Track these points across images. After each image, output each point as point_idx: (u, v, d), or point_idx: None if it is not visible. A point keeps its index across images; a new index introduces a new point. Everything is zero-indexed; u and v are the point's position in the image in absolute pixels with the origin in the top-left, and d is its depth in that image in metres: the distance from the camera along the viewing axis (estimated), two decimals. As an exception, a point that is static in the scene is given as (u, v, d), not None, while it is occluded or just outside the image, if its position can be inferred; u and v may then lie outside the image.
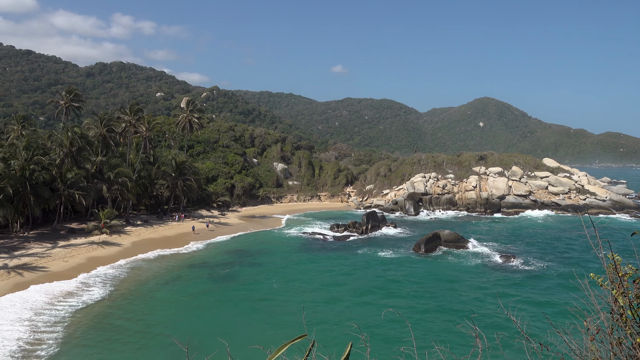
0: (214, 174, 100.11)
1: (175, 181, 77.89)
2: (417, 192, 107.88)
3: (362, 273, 49.78)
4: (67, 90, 79.43)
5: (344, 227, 76.58)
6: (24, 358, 26.55)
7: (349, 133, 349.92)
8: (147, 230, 66.02)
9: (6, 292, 36.96)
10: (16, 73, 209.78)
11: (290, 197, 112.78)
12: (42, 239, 55.86)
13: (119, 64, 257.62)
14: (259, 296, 40.74)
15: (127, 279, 43.87)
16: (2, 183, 50.62)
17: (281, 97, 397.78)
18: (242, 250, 59.24)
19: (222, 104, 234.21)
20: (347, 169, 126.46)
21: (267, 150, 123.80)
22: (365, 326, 31.47)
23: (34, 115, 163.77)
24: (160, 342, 29.62)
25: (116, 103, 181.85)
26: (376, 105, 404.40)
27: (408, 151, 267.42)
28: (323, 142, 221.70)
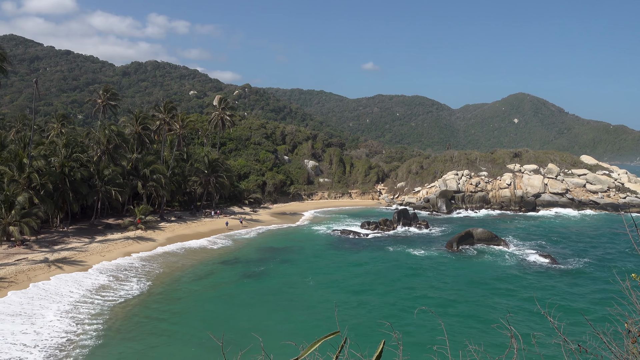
0: (245, 171, 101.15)
1: (208, 178, 79.05)
2: (449, 190, 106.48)
3: (393, 271, 49.49)
4: (104, 89, 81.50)
5: (375, 224, 76.26)
6: (72, 349, 27.43)
7: (380, 130, 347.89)
8: (180, 227, 67.25)
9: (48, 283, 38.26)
10: (56, 73, 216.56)
11: (321, 194, 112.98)
12: (81, 234, 57.57)
13: (153, 63, 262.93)
14: (291, 293, 40.99)
15: (161, 274, 44.81)
16: (43, 179, 52.36)
17: (312, 94, 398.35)
18: (274, 247, 59.70)
19: (254, 102, 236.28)
20: (378, 166, 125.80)
21: (298, 148, 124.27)
22: (398, 324, 31.28)
23: (72, 113, 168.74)
24: (195, 337, 30.18)
25: (151, 101, 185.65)
26: (408, 101, 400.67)
27: (440, 148, 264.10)
28: (354, 139, 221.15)
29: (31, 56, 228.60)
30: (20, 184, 51.69)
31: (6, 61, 53.46)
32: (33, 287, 36.88)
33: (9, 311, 31.71)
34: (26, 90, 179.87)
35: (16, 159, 54.21)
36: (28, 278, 38.79)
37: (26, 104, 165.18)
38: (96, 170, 62.34)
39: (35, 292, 35.98)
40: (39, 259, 44.54)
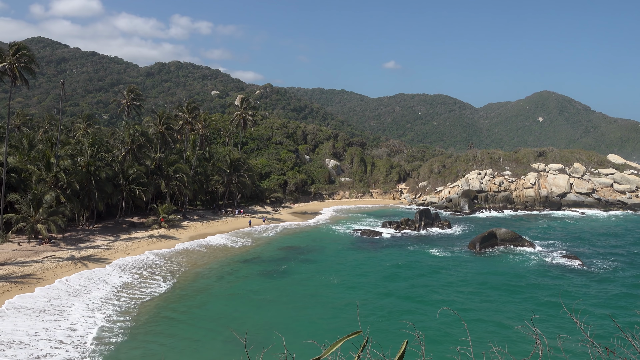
0: (267, 170, 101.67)
1: (230, 177, 79.69)
2: (472, 190, 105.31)
3: (415, 271, 49.17)
4: (128, 90, 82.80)
5: (397, 224, 75.89)
6: (100, 345, 27.98)
7: (402, 129, 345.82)
8: (202, 225, 67.94)
9: (75, 280, 39.06)
10: (82, 74, 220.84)
11: (342, 193, 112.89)
12: (106, 232, 58.61)
13: (176, 64, 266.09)
14: (313, 292, 41.05)
15: (185, 272, 45.34)
16: (70, 178, 53.45)
17: (333, 93, 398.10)
18: (295, 246, 59.87)
19: (275, 101, 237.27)
20: (399, 166, 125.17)
21: (319, 147, 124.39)
22: (420, 324, 31.06)
23: (98, 113, 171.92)
24: (218, 335, 30.46)
25: (174, 101, 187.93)
26: (429, 100, 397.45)
27: (463, 147, 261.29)
28: (375, 138, 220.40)
29: (58, 58, 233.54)
30: (48, 183, 52.86)
31: (34, 63, 54.67)
32: (60, 284, 37.67)
33: (38, 307, 32.46)
34: (53, 91, 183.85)
35: (44, 159, 55.47)
36: (55, 275, 39.64)
37: (53, 105, 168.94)
38: (121, 169, 63.37)
39: (63, 289, 36.75)
40: (66, 256, 45.49)
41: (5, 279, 37.05)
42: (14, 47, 51.77)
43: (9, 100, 62.95)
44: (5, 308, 31.56)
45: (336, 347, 4.37)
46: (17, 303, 32.71)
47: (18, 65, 51.00)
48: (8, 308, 31.68)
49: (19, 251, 46.20)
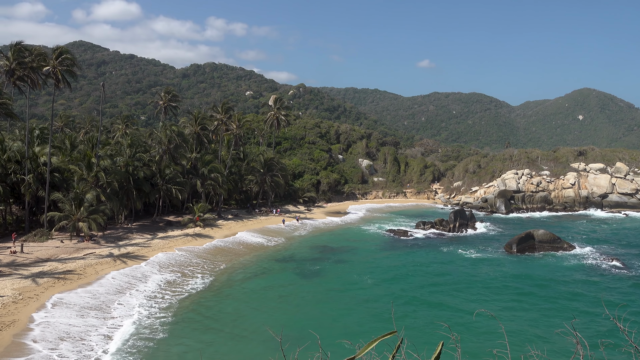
0: (300, 170, 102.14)
1: (264, 177, 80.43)
2: (508, 190, 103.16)
3: (450, 272, 48.52)
4: (165, 91, 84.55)
5: (431, 224, 75.03)
6: (140, 341, 28.74)
7: (436, 128, 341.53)
8: (237, 224, 68.78)
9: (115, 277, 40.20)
10: (121, 76, 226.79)
11: (375, 193, 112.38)
12: (143, 230, 60.05)
13: (211, 65, 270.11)
14: (346, 292, 41.04)
15: (220, 270, 46.05)
16: (109, 178, 55.00)
17: (366, 93, 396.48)
18: (328, 245, 59.94)
19: (308, 101, 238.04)
20: (433, 165, 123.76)
21: (352, 147, 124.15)
22: (456, 326, 30.63)
23: (136, 114, 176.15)
24: (253, 332, 30.86)
25: (209, 102, 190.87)
26: (464, 99, 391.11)
27: (499, 147, 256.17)
28: (409, 137, 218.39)
29: (98, 61, 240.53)
30: (89, 182, 54.53)
31: (76, 66, 56.52)
32: (100, 281, 38.81)
33: (81, 303, 33.53)
34: (94, 93, 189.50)
35: (85, 159, 57.25)
36: (95, 272, 40.86)
37: (94, 106, 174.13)
38: (158, 169, 64.78)
39: (103, 285, 37.84)
40: (105, 253, 46.83)
41: (48, 275, 38.42)
42: (57, 51, 53.63)
43: (52, 102, 65.22)
44: (50, 303, 32.71)
45: (371, 347, 4.37)
46: (61, 298, 33.85)
47: (61, 69, 52.79)
48: (53, 303, 32.82)
49: (62, 248, 47.83)
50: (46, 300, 33.04)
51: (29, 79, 50.78)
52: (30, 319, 29.75)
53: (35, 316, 30.24)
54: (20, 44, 51.05)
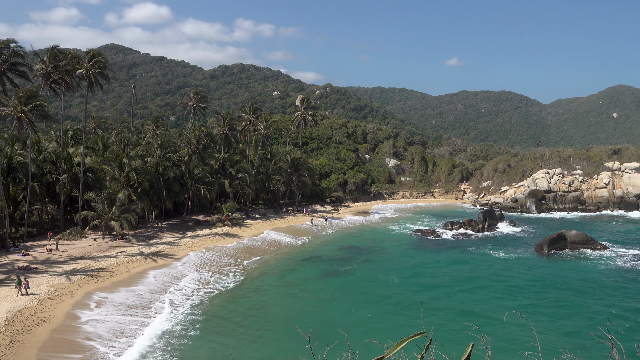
0: (327, 169, 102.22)
1: (291, 177, 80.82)
2: (539, 189, 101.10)
3: (480, 272, 47.86)
4: (194, 93, 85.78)
5: (459, 224, 74.12)
6: (172, 338, 29.30)
7: (464, 127, 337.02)
8: (264, 224, 69.27)
9: (147, 275, 41.00)
10: (151, 78, 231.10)
11: (402, 193, 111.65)
12: (173, 229, 61.06)
13: (239, 66, 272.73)
14: (375, 292, 40.93)
15: (248, 269, 46.52)
16: (140, 178, 56.11)
17: (393, 92, 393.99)
18: (355, 245, 59.84)
19: (335, 101, 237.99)
20: (462, 165, 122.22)
21: (379, 146, 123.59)
22: (485, 328, 30.17)
23: (165, 115, 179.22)
24: (282, 331, 31.10)
25: (236, 103, 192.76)
26: (494, 97, 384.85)
27: (529, 145, 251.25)
28: (436, 137, 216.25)
29: (129, 63, 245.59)
30: (120, 182, 55.74)
31: (108, 68, 57.85)
32: (131, 278, 39.63)
33: (112, 300, 34.34)
34: (125, 95, 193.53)
35: (117, 159, 58.55)
36: (127, 269, 41.75)
37: (125, 108, 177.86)
38: (187, 169, 65.76)
39: (134, 283, 38.64)
40: (136, 252, 47.79)
41: (81, 273, 39.43)
42: (90, 54, 55.01)
43: (85, 104, 66.90)
44: (83, 300, 33.57)
45: (399, 348, 4.36)
46: (93, 295, 34.70)
47: (94, 71, 54.11)
48: (86, 301, 33.68)
49: (95, 246, 49.04)
50: (81, 297, 33.89)
51: (63, 81, 52.22)
52: (74, 316, 30.57)
53: (80, 314, 31.07)
54: (55, 48, 52.54)
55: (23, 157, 53.99)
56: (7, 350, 24.96)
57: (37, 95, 48.48)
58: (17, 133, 49.42)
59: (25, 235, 51.15)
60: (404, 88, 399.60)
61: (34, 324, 28.38)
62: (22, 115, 45.31)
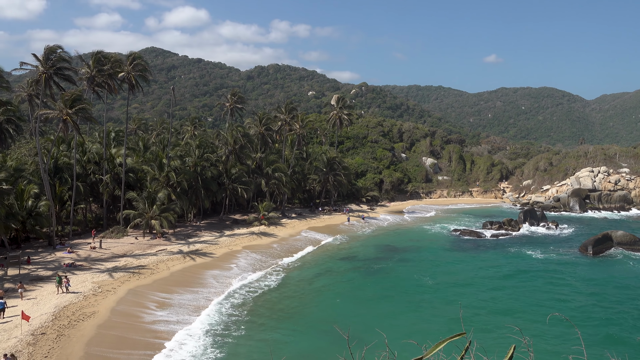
0: (362, 169, 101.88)
1: (326, 176, 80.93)
2: (583, 188, 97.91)
3: (520, 274, 46.73)
4: (232, 94, 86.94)
5: (498, 224, 72.56)
6: (216, 336, 29.91)
7: (503, 125, 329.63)
8: (300, 223, 69.63)
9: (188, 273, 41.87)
10: (189, 80, 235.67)
11: (439, 192, 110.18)
12: (211, 228, 62.09)
13: (274, 66, 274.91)
14: (411, 292, 40.58)
15: (285, 268, 46.88)
16: (179, 178, 57.31)
17: (430, 90, 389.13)
18: (391, 245, 59.42)
19: (371, 100, 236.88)
20: (501, 163, 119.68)
21: (416, 145, 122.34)
22: (527, 330, 29.40)
23: (203, 116, 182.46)
24: (319, 329, 31.22)
25: (272, 103, 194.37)
26: (534, 94, 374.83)
27: (572, 143, 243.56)
28: (474, 135, 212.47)
29: (168, 66, 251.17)
30: (160, 182, 57.08)
31: (148, 71, 59.36)
32: (172, 276, 40.52)
33: (154, 298, 35.22)
34: (165, 97, 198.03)
35: (157, 160, 60.00)
36: (167, 267, 42.70)
37: (164, 109, 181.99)
38: (224, 169, 66.76)
39: (175, 281, 39.51)
40: (176, 250, 48.82)
41: (123, 270, 40.58)
42: (130, 57, 56.59)
43: (127, 106, 68.82)
44: (127, 298, 34.54)
45: (438, 348, 4.30)
46: (135, 291, 35.66)
47: (134, 74, 55.62)
48: (129, 298, 34.66)
49: (136, 244, 50.38)
50: (124, 294, 34.85)
51: (106, 84, 53.89)
52: (120, 312, 31.52)
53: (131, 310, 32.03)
54: (99, 53, 54.33)
55: (68, 158, 55.99)
56: (54, 343, 25.93)
57: (82, 99, 50.23)
58: (63, 135, 51.32)
59: (70, 233, 53.06)
60: (441, 86, 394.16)
61: (79, 319, 29.38)
62: (68, 117, 47.01)
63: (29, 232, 49.03)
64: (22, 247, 47.35)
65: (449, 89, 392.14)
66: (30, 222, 46.33)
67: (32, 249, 47.19)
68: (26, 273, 38.54)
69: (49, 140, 58.49)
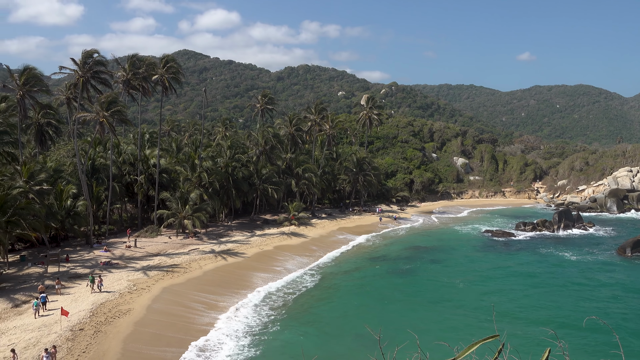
0: (392, 169, 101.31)
1: (356, 176, 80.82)
2: (621, 189, 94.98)
3: (555, 276, 45.70)
4: (262, 95, 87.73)
5: (532, 225, 71.06)
6: (252, 335, 30.35)
7: (537, 124, 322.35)
8: (330, 223, 69.72)
9: (221, 272, 42.50)
10: (220, 81, 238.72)
11: (471, 192, 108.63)
12: (242, 228, 62.80)
13: (304, 67, 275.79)
14: (442, 293, 40.22)
15: (318, 268, 47.09)
16: (211, 178, 58.18)
17: (461, 89, 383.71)
18: (422, 245, 58.93)
19: (401, 100, 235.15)
20: (535, 163, 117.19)
21: (447, 145, 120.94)
22: (562, 333, 28.82)
23: (234, 117, 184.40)
24: (351, 329, 31.31)
25: (302, 103, 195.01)
26: (569, 92, 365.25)
27: (609, 142, 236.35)
28: (507, 134, 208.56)
29: (200, 68, 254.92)
30: (193, 182, 58.07)
31: (180, 73, 60.53)
32: (205, 276, 41.15)
33: (190, 297, 35.89)
34: (197, 98, 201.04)
35: (189, 160, 61.05)
36: (199, 266, 43.39)
37: (196, 111, 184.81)
38: (255, 169, 67.43)
39: (208, 280, 40.14)
40: (208, 249, 49.57)
41: (157, 269, 41.43)
42: (164, 59, 57.79)
43: (160, 108, 70.27)
44: (161, 296, 35.28)
45: (471, 351, 4.30)
46: (169, 289, 36.38)
47: (168, 76, 56.78)
48: (164, 297, 35.38)
49: (169, 244, 51.39)
50: (159, 292, 35.61)
51: (141, 87, 55.16)
52: (153, 309, 32.26)
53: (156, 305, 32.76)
54: (135, 56, 55.67)
55: (105, 159, 57.54)
56: (92, 339, 26.72)
57: (117, 101, 51.57)
58: (100, 136, 52.79)
59: (107, 232, 54.52)
60: (472, 84, 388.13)
61: (115, 316, 30.17)
62: (104, 120, 48.34)
63: (67, 231, 50.64)
64: (61, 245, 48.93)
65: (480, 88, 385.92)
66: (68, 221, 47.83)
67: (71, 247, 48.71)
68: (65, 271, 39.82)
69: (87, 142, 60.21)
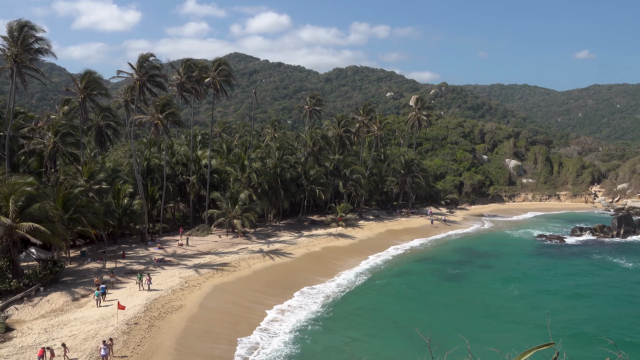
0: (442, 171, 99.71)
1: (404, 178, 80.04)
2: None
3: (614, 284, 43.74)
4: (310, 96, 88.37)
5: (589, 231, 68.19)
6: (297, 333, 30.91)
7: (596, 125, 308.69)
8: (378, 225, 69.37)
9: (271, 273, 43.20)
10: (270, 83, 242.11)
11: (524, 195, 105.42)
12: (290, 228, 63.47)
13: (353, 68, 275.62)
14: (494, 298, 39.31)
15: (367, 270, 47.15)
16: (260, 179, 59.13)
17: (514, 89, 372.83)
18: (472, 249, 57.75)
19: (451, 100, 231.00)
20: (592, 166, 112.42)
21: (498, 146, 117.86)
22: (623, 344, 27.54)
23: (283, 119, 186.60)
24: (400, 332, 31.17)
25: (350, 105, 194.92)
26: (631, 91, 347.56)
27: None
28: (563, 135, 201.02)
29: (250, 70, 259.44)
30: (242, 182, 59.21)
31: (231, 76, 61.88)
32: (254, 275, 41.90)
33: (243, 296, 36.68)
34: (247, 100, 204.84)
35: (239, 161, 62.27)
36: (248, 265, 44.20)
37: (246, 113, 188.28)
38: (303, 170, 67.99)
39: (258, 279, 40.86)
40: (256, 249, 50.42)
41: (208, 267, 42.53)
42: (216, 63, 59.27)
43: (212, 110, 71.98)
44: (212, 294, 36.21)
45: (524, 358, 4.26)
46: (219, 287, 37.27)
47: (219, 79, 58.20)
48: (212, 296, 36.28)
49: (219, 243, 52.61)
50: (208, 289, 36.57)
51: (194, 90, 56.79)
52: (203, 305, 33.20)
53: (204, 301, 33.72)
54: (189, 60, 57.40)
55: (159, 160, 59.56)
56: (146, 333, 27.75)
57: (171, 104, 53.29)
58: (154, 138, 54.69)
59: (160, 230, 56.42)
60: (526, 84, 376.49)
61: (168, 312, 31.21)
62: (159, 122, 50.09)
63: (124, 229, 52.77)
64: (118, 242, 51.05)
65: (534, 88, 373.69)
66: (125, 219, 49.87)
67: (127, 244, 50.73)
68: (121, 267, 41.53)
69: (142, 143, 62.56)
